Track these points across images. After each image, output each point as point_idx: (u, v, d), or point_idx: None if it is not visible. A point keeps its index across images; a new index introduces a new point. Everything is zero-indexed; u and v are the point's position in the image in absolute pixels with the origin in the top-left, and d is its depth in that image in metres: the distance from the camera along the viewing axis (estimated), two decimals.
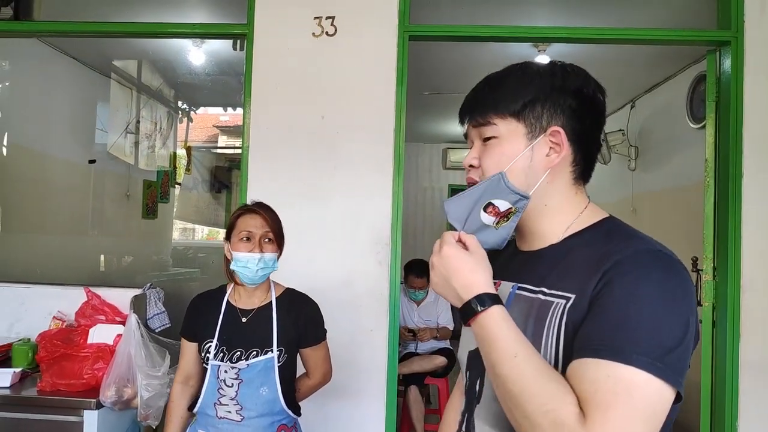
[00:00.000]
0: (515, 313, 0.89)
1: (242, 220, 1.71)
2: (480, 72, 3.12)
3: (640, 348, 0.75)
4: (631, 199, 5.15)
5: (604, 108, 0.97)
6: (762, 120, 2.54)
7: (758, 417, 2.51)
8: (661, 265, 0.82)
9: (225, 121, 10.79)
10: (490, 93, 0.95)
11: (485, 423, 0.94)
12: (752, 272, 2.53)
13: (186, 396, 1.80)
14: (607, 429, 0.73)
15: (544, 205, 0.94)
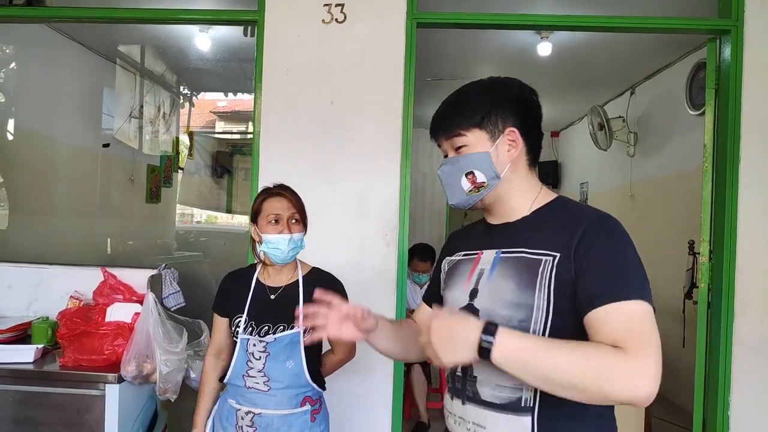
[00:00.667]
0: (507, 269, 1.13)
1: (268, 204, 1.78)
2: (481, 59, 3.34)
3: (635, 286, 1.01)
4: (630, 186, 5.23)
5: (539, 105, 1.22)
6: (760, 107, 2.61)
7: (750, 393, 2.61)
8: (616, 225, 1.10)
9: (222, 107, 10.80)
10: (454, 112, 1.20)
11: (482, 363, 1.06)
12: (747, 255, 2.62)
13: (218, 368, 1.88)
14: (644, 348, 0.95)
15: (511, 188, 1.20)
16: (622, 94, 5.43)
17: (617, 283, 1.01)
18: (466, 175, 1.18)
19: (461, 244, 1.30)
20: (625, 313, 0.98)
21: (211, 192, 6.71)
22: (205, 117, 9.88)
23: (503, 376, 1.06)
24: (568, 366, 0.95)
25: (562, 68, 4.69)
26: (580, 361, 0.95)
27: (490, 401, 1.12)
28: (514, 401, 1.09)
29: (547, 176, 7.31)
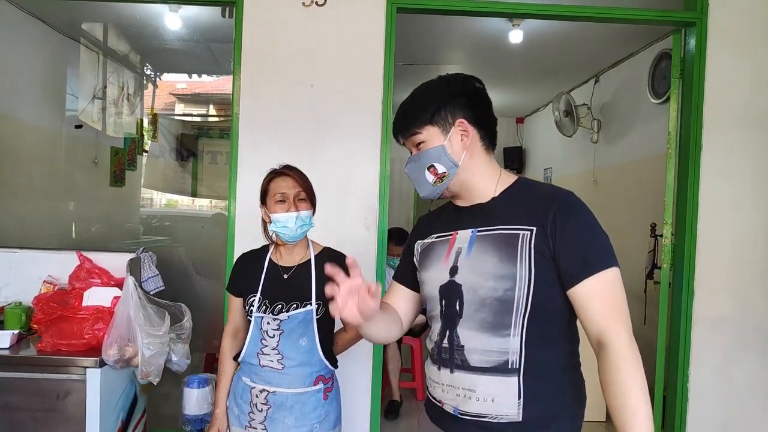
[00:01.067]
0: (486, 245, 1.22)
1: (274, 183, 1.80)
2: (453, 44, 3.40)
3: (606, 255, 1.16)
4: (593, 171, 5.40)
5: (485, 93, 1.32)
6: (722, 97, 2.75)
7: (707, 365, 2.78)
8: (580, 202, 1.23)
9: (182, 89, 10.53)
10: (408, 114, 1.30)
11: (469, 329, 1.22)
12: (707, 237, 2.77)
13: (236, 347, 1.91)
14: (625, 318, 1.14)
15: (472, 174, 1.29)
16: (587, 82, 5.58)
17: (592, 257, 1.15)
18: (428, 169, 1.28)
19: (432, 227, 1.38)
20: (604, 284, 1.14)
21: (177, 175, 6.58)
22: (164, 99, 9.62)
23: (489, 342, 1.19)
24: (646, 392, 1.10)
25: (531, 55, 4.78)
26: (642, 386, 1.10)
27: (479, 366, 1.20)
28: (501, 364, 1.18)
29: (512, 161, 7.47)
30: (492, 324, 1.19)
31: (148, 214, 6.44)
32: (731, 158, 2.76)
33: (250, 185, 2.73)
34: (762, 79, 2.76)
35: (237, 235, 2.74)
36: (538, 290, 1.16)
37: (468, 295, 1.22)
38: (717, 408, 2.79)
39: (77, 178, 4.89)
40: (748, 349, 2.77)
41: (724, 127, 2.75)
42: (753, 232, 2.77)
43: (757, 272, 2.76)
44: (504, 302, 1.18)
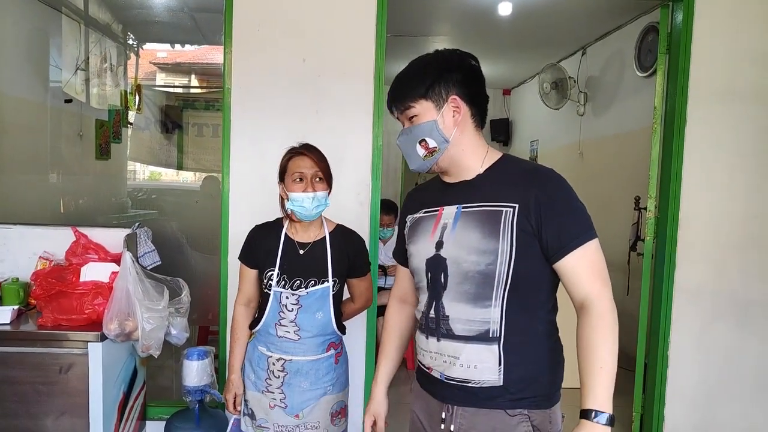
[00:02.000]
0: (470, 221, 1.27)
1: (293, 163, 1.84)
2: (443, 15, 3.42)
3: (586, 227, 1.23)
4: (579, 144, 5.47)
5: (480, 70, 1.35)
6: (707, 72, 2.80)
7: (687, 334, 2.91)
8: (560, 178, 1.28)
9: (163, 58, 10.29)
10: (404, 87, 1.33)
11: (453, 300, 1.29)
12: (689, 210, 2.86)
13: (249, 316, 1.99)
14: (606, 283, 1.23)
15: (462, 150, 1.32)
16: (574, 54, 5.60)
17: (575, 232, 1.22)
18: (420, 143, 1.32)
19: (420, 202, 1.44)
20: (587, 255, 1.22)
21: (162, 148, 6.52)
22: (144, 68, 9.41)
23: (472, 312, 1.26)
24: (615, 354, 1.22)
25: (519, 27, 4.78)
26: (613, 344, 1.22)
27: (463, 335, 1.28)
28: (483, 333, 1.26)
29: (498, 133, 7.50)
30: (474, 295, 1.26)
31: (135, 187, 6.40)
32: (714, 133, 2.83)
33: (243, 159, 2.75)
34: (746, 55, 2.81)
35: (231, 209, 2.77)
36: (518, 264, 1.23)
37: (452, 268, 1.29)
38: (695, 375, 2.92)
39: (63, 152, 4.83)
40: (725, 319, 2.90)
41: (708, 102, 2.81)
42: (732, 205, 2.86)
43: (734, 245, 2.87)
44: (486, 275, 1.24)
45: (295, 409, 1.87)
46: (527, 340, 1.27)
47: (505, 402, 1.26)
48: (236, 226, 2.76)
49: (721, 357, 2.92)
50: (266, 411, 1.90)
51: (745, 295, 2.88)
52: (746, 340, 2.90)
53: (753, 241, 2.86)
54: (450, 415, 1.32)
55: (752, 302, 2.88)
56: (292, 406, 1.87)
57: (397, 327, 1.58)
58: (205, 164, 6.16)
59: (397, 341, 1.58)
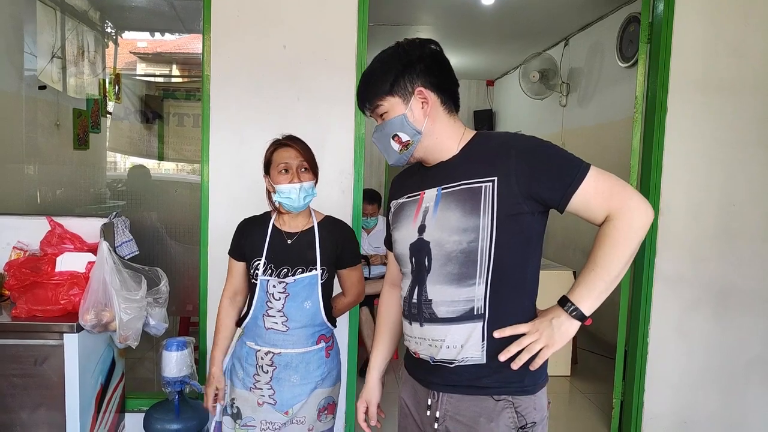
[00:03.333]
0: (451, 202, 1.27)
1: (278, 154, 1.82)
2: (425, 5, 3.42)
3: (577, 163, 1.22)
4: (561, 133, 5.50)
5: (443, 55, 1.33)
6: (688, 63, 2.82)
7: (666, 322, 2.94)
8: (529, 136, 1.30)
9: (143, 48, 10.12)
10: (369, 86, 1.32)
11: (436, 284, 1.29)
12: (669, 198, 2.88)
13: (234, 309, 1.96)
14: (621, 194, 1.20)
15: (436, 138, 1.32)
16: (556, 45, 5.61)
17: (568, 174, 1.21)
18: (393, 138, 1.32)
19: (403, 187, 1.43)
20: (591, 186, 1.21)
21: (142, 138, 6.42)
22: (125, 58, 9.25)
23: (456, 293, 1.26)
24: (621, 261, 1.18)
25: (502, 18, 4.78)
26: (616, 252, 1.18)
27: (447, 317, 1.28)
28: (468, 311, 1.26)
29: (482, 124, 7.51)
30: (458, 275, 1.25)
31: (114, 178, 6.30)
32: (694, 123, 2.85)
33: (222, 148, 2.71)
34: (726, 45, 2.83)
35: (210, 199, 2.73)
36: (500, 239, 1.23)
37: (435, 250, 1.28)
38: (674, 361, 2.96)
39: (39, 142, 4.72)
40: (704, 306, 2.93)
41: (688, 92, 2.83)
42: (711, 194, 2.89)
43: (713, 233, 2.90)
44: (468, 253, 1.24)
45: (285, 406, 1.83)
46: (510, 316, 1.26)
47: (490, 388, 1.26)
48: (216, 216, 2.73)
49: (701, 344, 2.96)
50: (254, 408, 1.85)
51: (724, 283, 2.92)
52: (725, 328, 2.94)
53: (732, 230, 2.89)
54: (436, 402, 1.32)
55: (731, 290, 2.92)
56: (282, 402, 1.83)
57: (390, 312, 1.57)
58: (186, 154, 6.08)
59: (391, 326, 1.57)
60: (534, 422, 1.27)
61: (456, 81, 1.35)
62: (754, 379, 2.96)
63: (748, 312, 2.92)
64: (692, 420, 2.98)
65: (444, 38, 5.46)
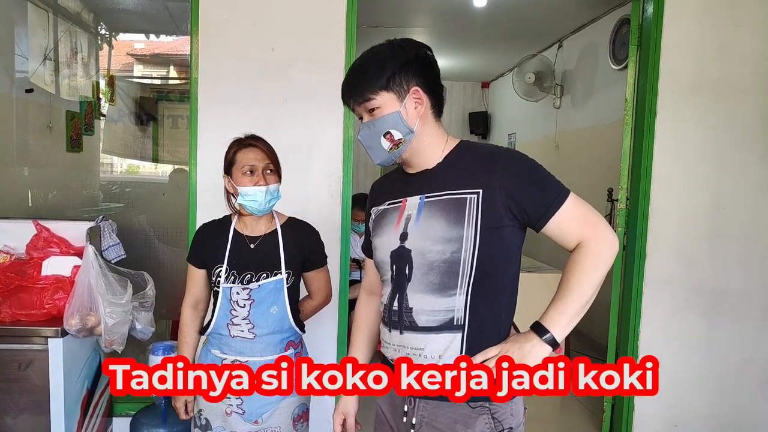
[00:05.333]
0: (435, 211, 1.26)
1: (242, 155, 1.75)
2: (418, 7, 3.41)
3: (557, 188, 1.25)
4: (555, 136, 5.49)
5: (435, 61, 1.33)
6: (677, 65, 2.82)
7: (657, 324, 2.93)
8: (517, 152, 1.31)
9: (140, 50, 10.10)
10: (361, 78, 1.28)
11: (417, 292, 1.28)
12: (659, 201, 2.88)
13: (197, 319, 1.90)
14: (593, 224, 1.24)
15: (423, 140, 1.31)
16: (550, 47, 5.61)
17: (550, 196, 1.24)
18: (384, 135, 1.29)
19: (384, 194, 1.42)
20: (568, 211, 1.24)
21: (136, 140, 6.41)
22: (122, 59, 9.24)
23: (436, 302, 1.25)
24: (590, 289, 1.22)
25: (496, 20, 4.77)
26: (587, 279, 1.22)
27: (427, 326, 1.27)
28: (447, 321, 1.25)
29: (477, 126, 7.51)
30: (439, 285, 1.25)
31: (109, 180, 6.28)
32: (683, 126, 2.85)
33: (211, 150, 2.70)
34: (716, 47, 2.83)
35: (198, 202, 2.72)
36: (483, 251, 1.23)
37: (417, 259, 1.27)
38: (665, 364, 2.93)
39: (30, 144, 4.71)
40: (694, 309, 2.92)
41: (678, 94, 2.83)
42: (701, 197, 2.88)
43: (703, 235, 2.89)
44: (451, 264, 1.23)
45: (254, 415, 1.77)
46: (489, 327, 1.27)
47: None
48: (204, 219, 2.70)
49: (691, 346, 2.95)
50: (223, 418, 1.79)
51: (714, 285, 2.91)
52: (715, 330, 2.93)
53: (721, 232, 2.89)
54: (412, 408, 1.31)
55: (721, 292, 2.92)
56: (250, 412, 1.77)
57: (366, 320, 1.55)
58: (180, 156, 6.05)
59: (367, 334, 1.55)
60: (510, 428, 1.26)
61: (443, 87, 1.36)
62: (746, 381, 2.95)
63: (738, 314, 2.92)
64: (683, 422, 2.97)
65: (438, 40, 5.46)
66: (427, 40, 1.37)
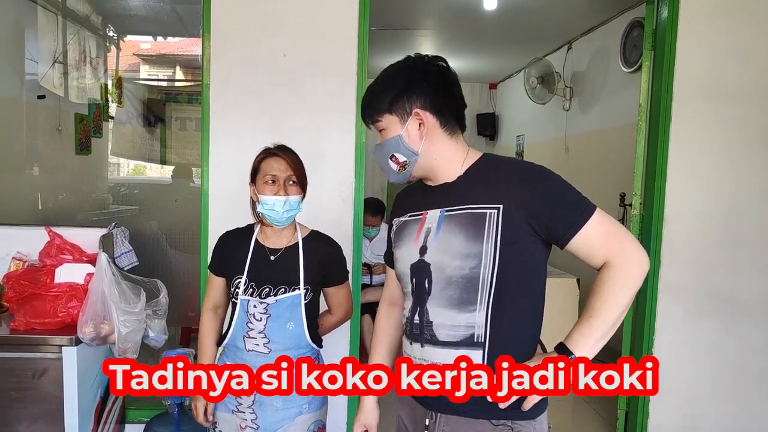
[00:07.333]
0: (454, 225, 1.25)
1: (266, 164, 1.74)
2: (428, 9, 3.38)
3: (584, 204, 1.23)
4: (565, 139, 5.46)
5: (448, 76, 1.30)
6: (692, 70, 2.79)
7: (671, 330, 2.91)
8: (541, 167, 1.28)
9: (146, 50, 10.11)
10: (371, 100, 1.31)
11: (437, 306, 1.27)
12: (674, 207, 2.85)
13: (217, 321, 1.88)
14: (621, 242, 1.21)
15: (434, 159, 1.30)
16: (559, 49, 5.58)
17: (574, 213, 1.21)
18: (390, 158, 1.30)
19: (406, 205, 1.41)
20: (594, 228, 1.21)
21: (145, 142, 6.42)
22: (128, 60, 9.25)
23: (456, 318, 1.24)
24: (617, 310, 1.20)
25: (505, 21, 4.75)
26: (614, 301, 1.19)
27: (447, 341, 1.26)
28: (468, 338, 1.24)
29: (485, 128, 7.48)
30: (458, 300, 1.23)
31: (117, 182, 6.29)
32: (699, 131, 2.82)
33: (223, 157, 2.69)
34: (732, 52, 2.80)
35: (210, 208, 2.72)
36: (503, 267, 1.21)
37: (436, 273, 1.26)
38: (679, 372, 2.92)
39: (40, 147, 4.72)
40: (709, 316, 2.90)
41: (693, 99, 2.80)
42: (717, 203, 2.85)
43: (719, 242, 2.86)
44: (470, 279, 1.22)
45: (268, 431, 1.75)
46: (511, 345, 1.25)
47: (489, 411, 1.24)
48: (216, 224, 2.71)
49: (706, 354, 2.92)
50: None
51: (729, 293, 2.89)
52: (730, 338, 2.90)
53: (737, 239, 2.86)
54: (434, 423, 1.30)
55: (736, 299, 2.89)
56: (265, 427, 1.75)
57: (387, 331, 1.54)
58: (188, 158, 6.06)
59: (388, 345, 1.53)
60: None
61: (462, 103, 1.32)
62: (763, 389, 2.92)
63: (754, 321, 2.89)
64: (698, 431, 2.94)
65: (446, 42, 5.43)
66: (435, 42, 1.36)
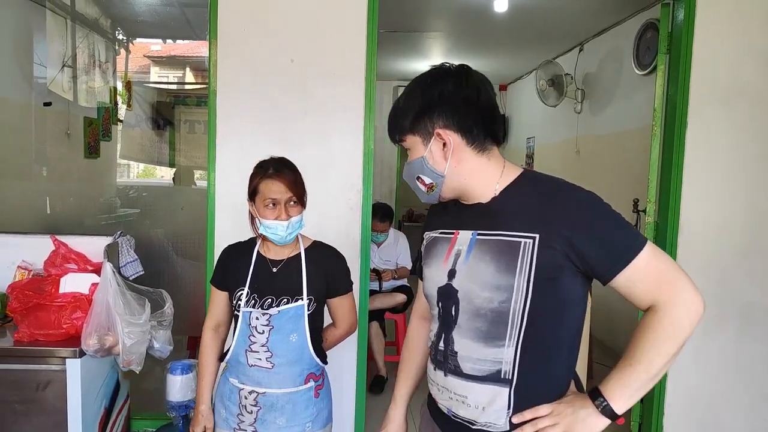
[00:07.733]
0: (485, 252, 1.15)
1: (264, 186, 1.70)
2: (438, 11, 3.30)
3: (634, 237, 1.11)
4: (576, 141, 5.38)
5: (473, 86, 1.17)
6: (709, 74, 2.71)
7: (687, 341, 2.82)
8: (587, 193, 1.15)
9: (156, 51, 10.13)
10: (396, 119, 1.24)
11: (463, 337, 1.19)
12: (690, 215, 2.78)
13: (218, 341, 1.85)
14: (673, 284, 1.09)
15: (464, 179, 1.20)
16: (571, 50, 5.51)
17: (621, 248, 1.09)
18: (417, 179, 1.24)
19: (438, 220, 1.33)
20: (641, 267, 1.09)
21: (153, 145, 6.41)
22: (138, 62, 9.27)
23: (483, 351, 1.15)
24: (660, 362, 1.09)
25: (516, 23, 4.69)
26: (658, 350, 1.09)
27: (471, 374, 1.18)
28: (494, 373, 1.15)
29: None
30: (486, 334, 1.15)
31: (125, 185, 6.29)
32: (716, 136, 2.75)
33: (229, 163, 2.66)
34: (749, 55, 2.72)
35: (217, 215, 2.69)
36: (535, 303, 1.11)
37: (463, 302, 1.18)
38: (694, 383, 2.85)
39: (49, 151, 4.72)
40: (725, 326, 2.82)
41: (710, 104, 2.72)
42: (734, 210, 2.78)
43: (736, 250, 2.79)
44: (499, 314, 1.13)
45: None
46: (542, 385, 1.17)
47: None
48: (222, 231, 2.68)
49: (723, 364, 2.85)
50: None
51: (746, 302, 2.81)
52: (747, 348, 2.83)
53: (755, 247, 2.78)
54: None
55: (753, 309, 2.81)
56: None
57: (417, 344, 1.48)
58: (197, 161, 6.04)
59: (418, 359, 1.47)
60: None
61: (493, 113, 1.19)
62: None
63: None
64: None
65: (456, 43, 5.37)
66: (444, 44, 1.30)
